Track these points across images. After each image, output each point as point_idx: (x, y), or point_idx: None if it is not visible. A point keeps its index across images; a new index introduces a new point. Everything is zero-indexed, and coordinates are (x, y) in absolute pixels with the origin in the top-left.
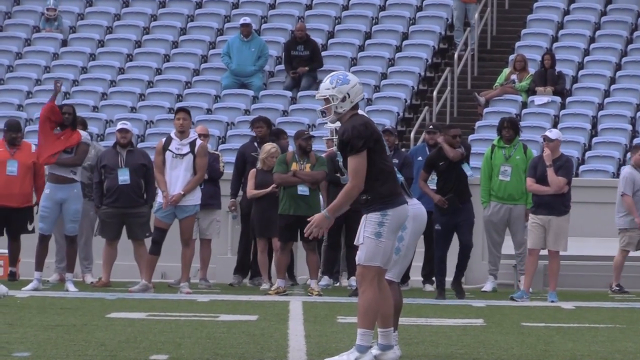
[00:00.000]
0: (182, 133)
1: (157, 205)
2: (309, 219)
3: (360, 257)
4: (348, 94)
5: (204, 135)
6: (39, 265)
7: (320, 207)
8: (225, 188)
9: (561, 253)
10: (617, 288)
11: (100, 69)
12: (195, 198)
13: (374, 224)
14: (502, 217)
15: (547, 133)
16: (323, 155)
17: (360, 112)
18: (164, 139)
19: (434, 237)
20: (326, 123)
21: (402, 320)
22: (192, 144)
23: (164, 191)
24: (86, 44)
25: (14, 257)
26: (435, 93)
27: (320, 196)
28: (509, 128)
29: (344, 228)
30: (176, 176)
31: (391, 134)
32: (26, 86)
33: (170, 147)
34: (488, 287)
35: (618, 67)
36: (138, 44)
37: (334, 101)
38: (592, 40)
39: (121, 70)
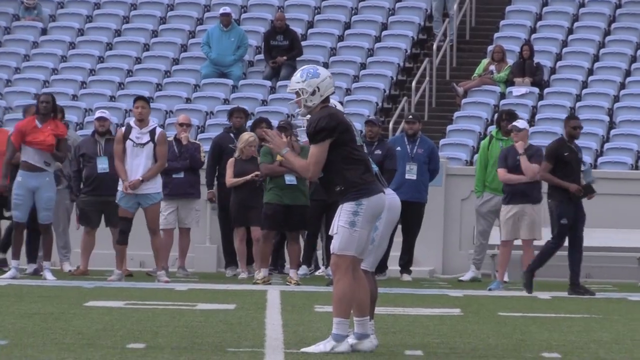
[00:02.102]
0: (141, 122)
1: (119, 194)
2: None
3: (334, 246)
4: (318, 87)
5: (187, 125)
6: (16, 254)
7: (307, 196)
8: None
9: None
10: None
11: (80, 57)
12: (157, 186)
13: (348, 213)
14: (493, 207)
15: (516, 123)
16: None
17: (332, 102)
18: (123, 128)
19: (559, 230)
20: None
21: (379, 310)
22: (152, 133)
23: (124, 180)
24: (66, 32)
25: None
26: (414, 83)
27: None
28: (508, 120)
29: (324, 218)
30: (137, 165)
31: (374, 124)
32: (6, 74)
33: (130, 136)
34: (467, 276)
35: (596, 58)
36: (118, 32)
37: (304, 94)
38: (570, 31)
39: (101, 59)
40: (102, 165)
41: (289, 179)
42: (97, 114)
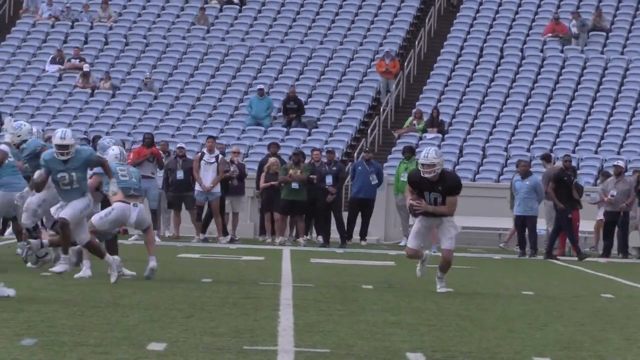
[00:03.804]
0: (210, 150)
1: (197, 192)
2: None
3: (452, 245)
4: (441, 162)
5: (238, 152)
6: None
7: (305, 195)
8: (250, 182)
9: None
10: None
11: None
12: (217, 188)
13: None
14: (404, 202)
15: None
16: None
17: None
18: (199, 153)
19: (566, 222)
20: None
21: (346, 261)
22: (217, 157)
23: (200, 184)
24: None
25: None
26: (369, 130)
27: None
28: (409, 151)
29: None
30: (207, 176)
31: (332, 152)
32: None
33: (204, 158)
34: (403, 242)
35: (475, 117)
36: (203, 91)
37: (438, 165)
38: (461, 100)
39: (188, 115)
40: (180, 175)
41: (294, 185)
42: (178, 144)
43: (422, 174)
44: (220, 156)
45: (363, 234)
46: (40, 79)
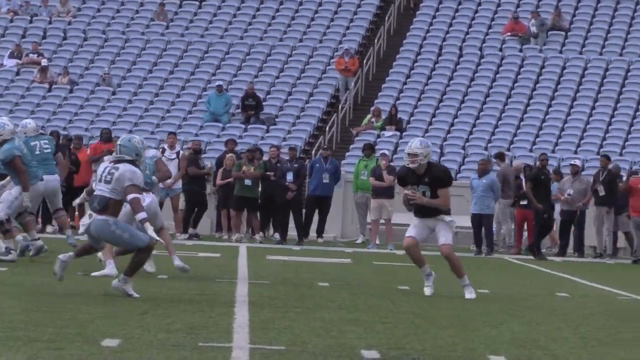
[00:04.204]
0: (172, 147)
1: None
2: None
3: (450, 239)
4: (428, 154)
5: (190, 148)
6: None
7: (258, 192)
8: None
9: None
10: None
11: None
12: (178, 184)
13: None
14: (363, 199)
15: (384, 152)
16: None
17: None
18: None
19: (541, 222)
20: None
21: (305, 259)
22: (177, 153)
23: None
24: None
25: None
26: (327, 127)
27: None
28: (368, 149)
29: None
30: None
31: (294, 149)
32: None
33: (165, 154)
34: (359, 240)
35: (434, 115)
36: (161, 87)
37: (420, 156)
38: (420, 99)
39: (146, 110)
40: None
41: (247, 182)
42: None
43: (407, 165)
44: (182, 152)
45: (320, 231)
46: None
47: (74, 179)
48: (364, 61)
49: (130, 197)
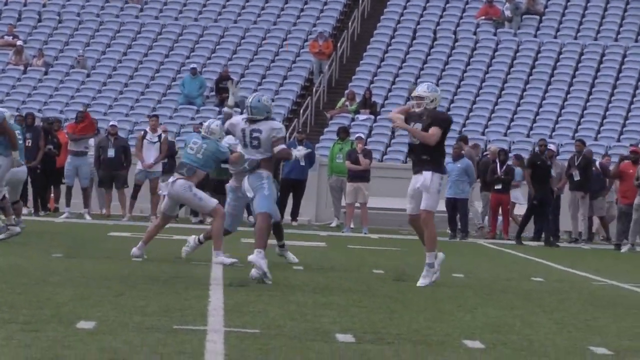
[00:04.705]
0: (154, 130)
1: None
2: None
3: (429, 205)
4: (436, 98)
5: (165, 131)
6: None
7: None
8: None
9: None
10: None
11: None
12: (159, 166)
13: (438, 182)
14: (338, 183)
15: (359, 135)
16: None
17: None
18: (142, 132)
19: (530, 206)
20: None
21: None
22: (159, 136)
23: (142, 162)
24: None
25: None
26: (301, 110)
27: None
28: (343, 132)
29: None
30: (149, 154)
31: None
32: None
33: (146, 137)
34: (334, 223)
35: (408, 98)
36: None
37: (427, 100)
38: (394, 82)
39: (121, 92)
40: (111, 153)
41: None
42: (110, 122)
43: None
44: (163, 135)
45: (294, 214)
46: None
47: (56, 160)
48: (338, 44)
49: (277, 148)
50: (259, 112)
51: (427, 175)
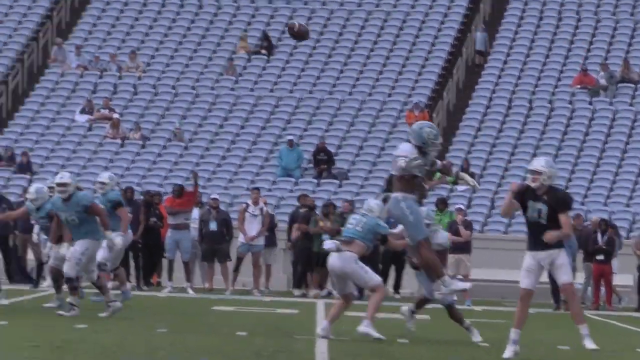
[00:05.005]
0: (256, 203)
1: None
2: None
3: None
4: (552, 175)
5: (266, 203)
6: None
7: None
8: (281, 234)
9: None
10: None
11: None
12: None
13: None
14: None
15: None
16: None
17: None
18: (244, 204)
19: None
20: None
21: (385, 315)
22: (261, 209)
23: (245, 235)
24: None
25: None
26: None
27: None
28: (442, 204)
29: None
30: (252, 227)
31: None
32: None
33: (248, 210)
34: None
35: (506, 167)
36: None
37: (544, 175)
38: (491, 152)
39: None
40: (213, 227)
41: (324, 237)
42: (212, 195)
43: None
44: (265, 209)
45: (397, 286)
46: (69, 129)
47: (161, 233)
48: (434, 114)
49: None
50: (416, 137)
51: (561, 252)
